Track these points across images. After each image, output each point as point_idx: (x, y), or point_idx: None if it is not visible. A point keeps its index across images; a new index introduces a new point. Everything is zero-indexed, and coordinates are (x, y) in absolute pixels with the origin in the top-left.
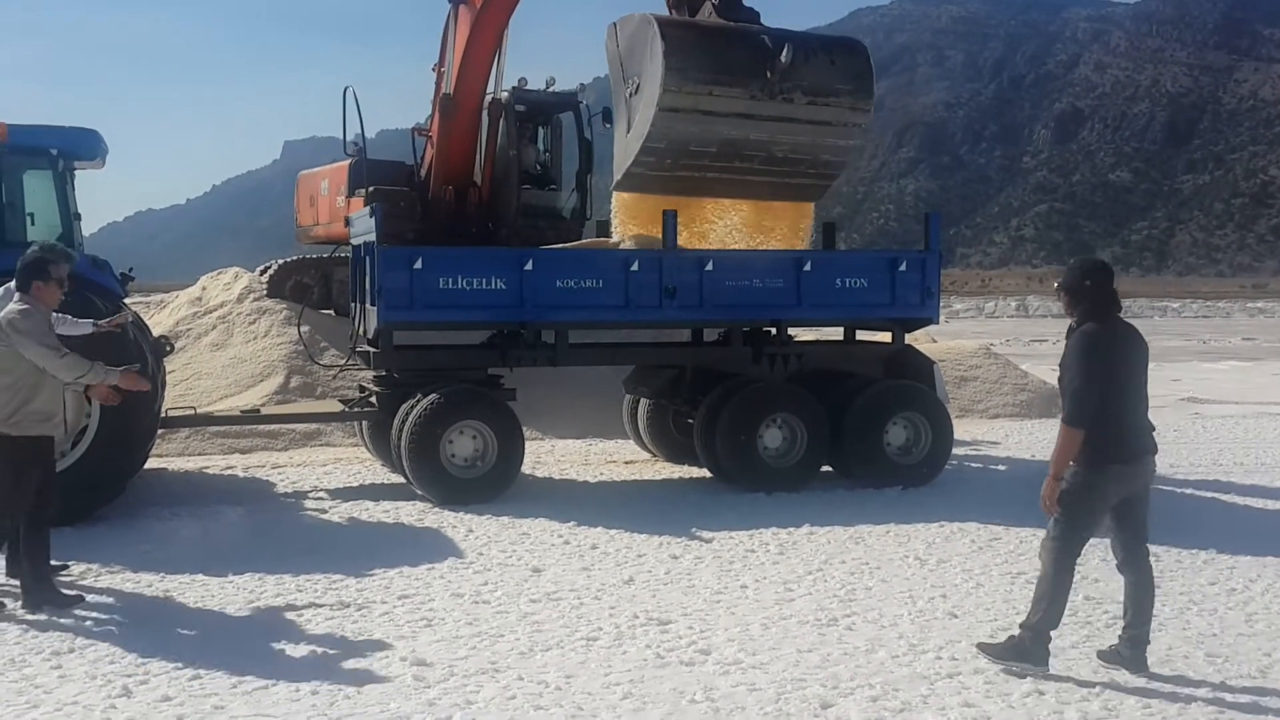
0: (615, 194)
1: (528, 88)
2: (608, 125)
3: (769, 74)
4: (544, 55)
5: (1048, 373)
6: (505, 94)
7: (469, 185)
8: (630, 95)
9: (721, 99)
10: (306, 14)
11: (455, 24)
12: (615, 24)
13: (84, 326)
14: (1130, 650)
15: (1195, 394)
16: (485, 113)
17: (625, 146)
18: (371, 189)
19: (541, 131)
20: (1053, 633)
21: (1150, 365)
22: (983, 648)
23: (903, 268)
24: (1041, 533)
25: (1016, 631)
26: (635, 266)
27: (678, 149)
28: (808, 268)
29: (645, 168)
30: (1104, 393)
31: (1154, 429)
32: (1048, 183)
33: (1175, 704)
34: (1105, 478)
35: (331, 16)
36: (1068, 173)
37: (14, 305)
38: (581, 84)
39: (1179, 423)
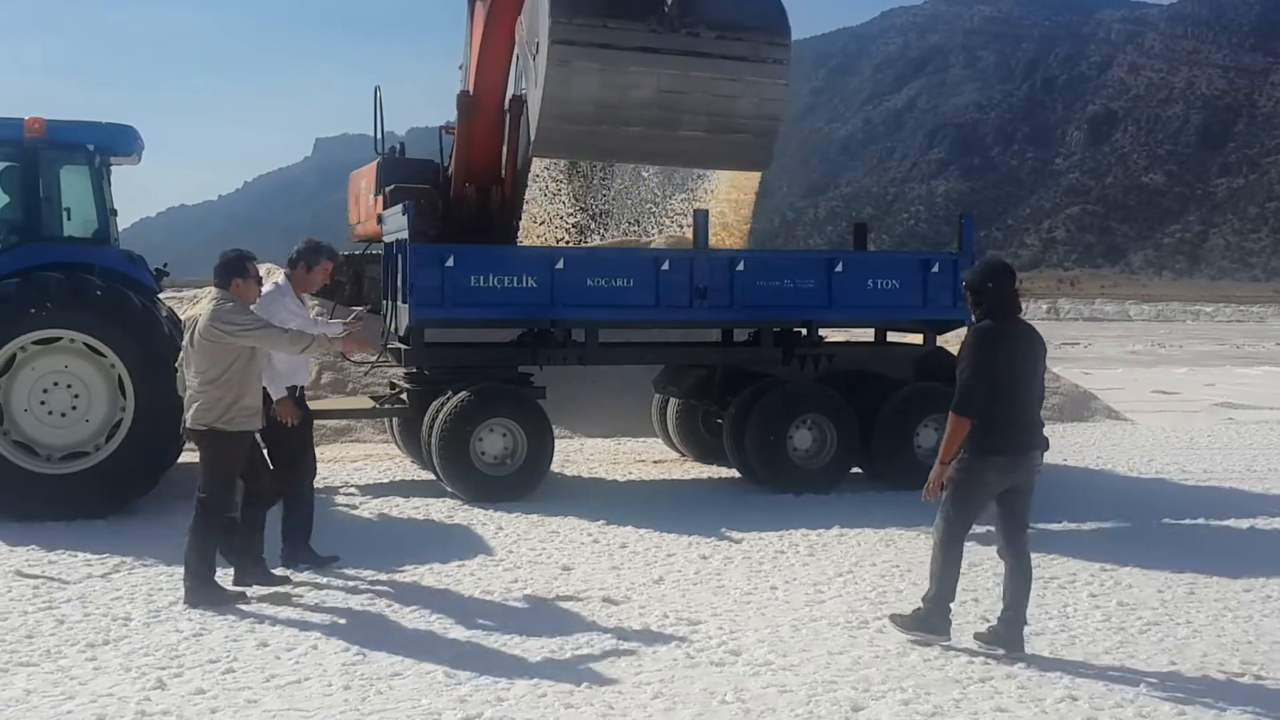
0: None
1: None
2: None
3: (665, 6)
4: None
5: (1080, 376)
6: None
7: (492, 183)
8: (534, 58)
9: (618, 32)
10: (339, 10)
11: (471, 21)
12: (519, 20)
13: (334, 327)
14: (1007, 630)
15: (1230, 399)
16: (507, 111)
17: (536, 109)
18: (392, 188)
19: None
20: (952, 605)
21: (1183, 370)
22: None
23: (935, 269)
24: (1075, 535)
25: (921, 605)
26: (666, 266)
27: (588, 99)
28: (839, 268)
29: (557, 122)
30: (994, 387)
31: (1043, 425)
32: (1080, 185)
33: (1210, 711)
34: (987, 467)
35: (364, 12)
36: (1100, 175)
37: (217, 303)
38: None
39: (1213, 428)
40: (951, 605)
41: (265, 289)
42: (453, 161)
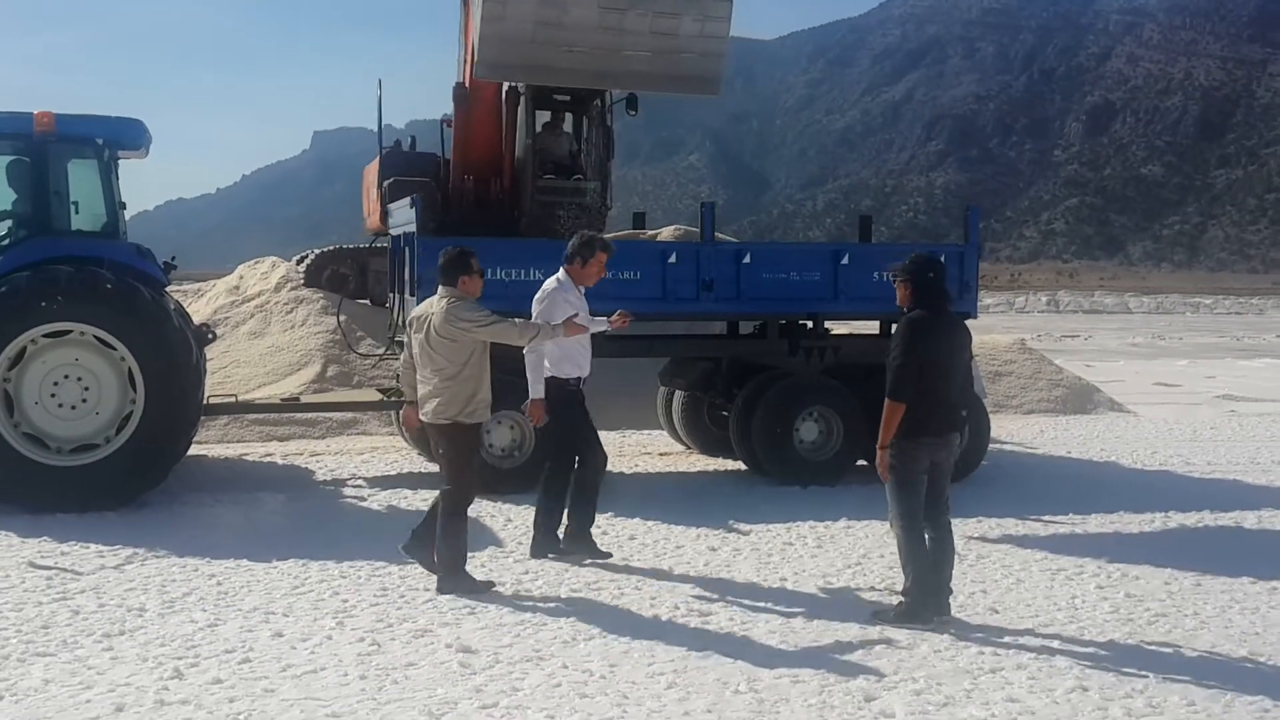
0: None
1: None
2: (631, 113)
3: None
4: None
5: (1082, 368)
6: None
7: (492, 175)
8: None
9: None
10: (337, 2)
11: (465, 11)
12: None
13: (600, 324)
14: (934, 599)
15: (1231, 391)
16: (504, 101)
17: (477, 31)
18: (389, 181)
19: (570, 119)
20: (937, 584)
21: (1184, 362)
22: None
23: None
24: (1081, 527)
25: (901, 599)
26: (673, 259)
27: (526, 17)
28: (845, 261)
29: (496, 42)
30: (923, 373)
31: (965, 410)
32: (1078, 176)
33: (1219, 703)
34: (918, 447)
35: (361, 6)
36: (1099, 167)
37: (450, 301)
38: None
39: (1216, 420)
40: (935, 585)
41: (548, 285)
42: (451, 154)
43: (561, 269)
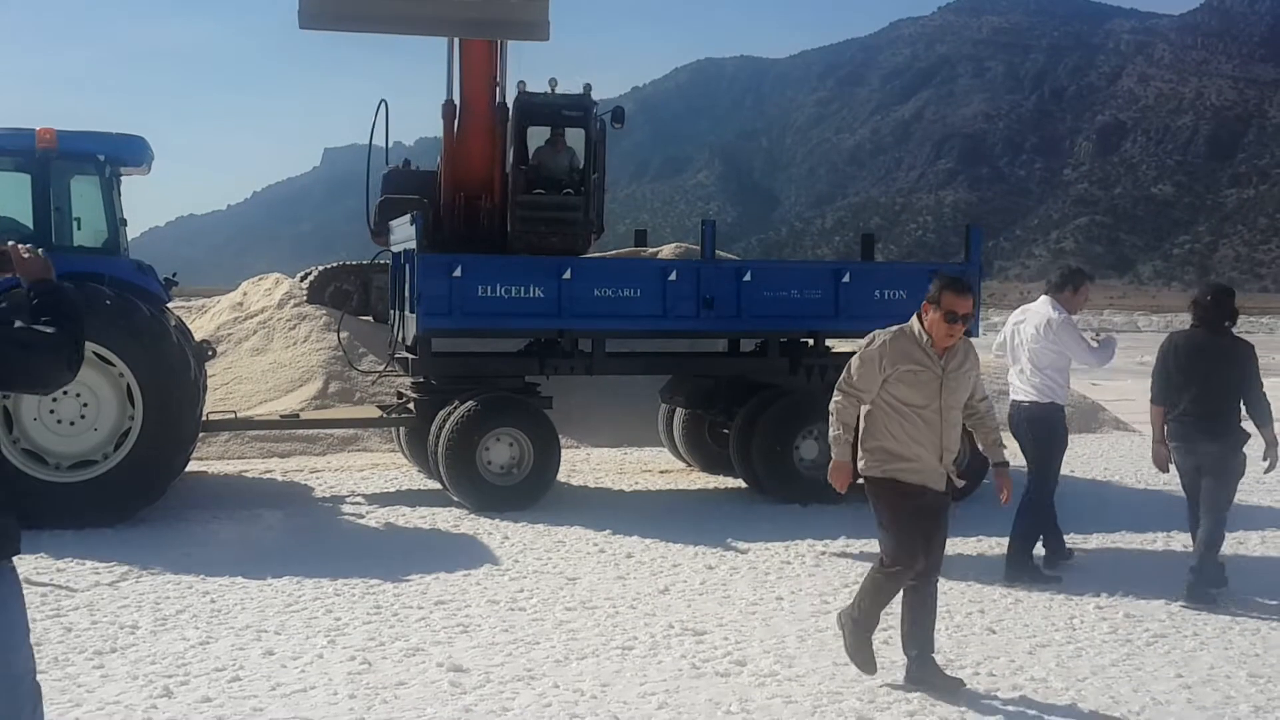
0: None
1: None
2: (617, 126)
3: None
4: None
5: (1088, 387)
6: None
7: (482, 192)
8: None
9: None
10: None
11: None
12: None
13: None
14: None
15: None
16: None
17: None
18: (380, 199)
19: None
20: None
21: None
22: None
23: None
24: (1082, 546)
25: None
26: (673, 276)
27: None
28: (846, 279)
29: None
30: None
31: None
32: (1088, 195)
33: None
34: None
35: None
36: (1109, 186)
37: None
38: (587, 84)
39: None
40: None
41: (1056, 318)
42: (442, 171)
43: (1048, 299)
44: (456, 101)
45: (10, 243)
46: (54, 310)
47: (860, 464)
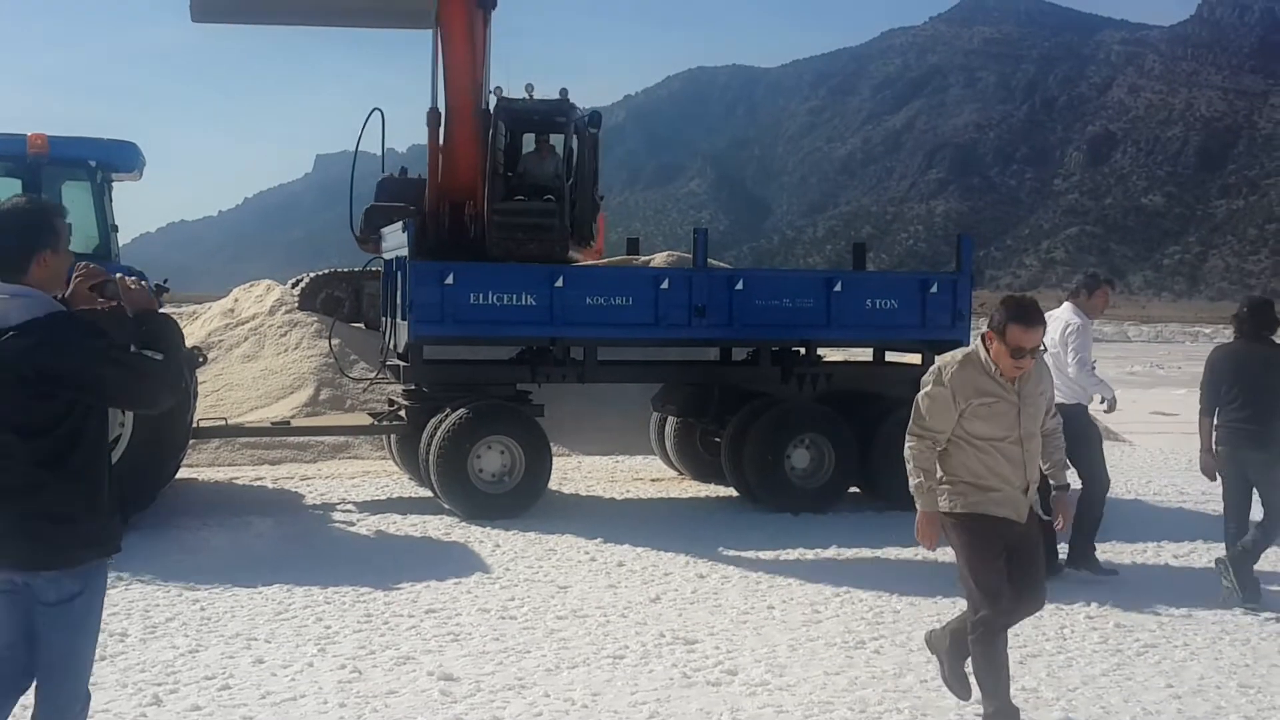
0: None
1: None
2: (593, 130)
3: None
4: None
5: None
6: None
7: (466, 199)
8: None
9: None
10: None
11: (435, 38)
12: None
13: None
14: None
15: None
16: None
17: None
18: (367, 207)
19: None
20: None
21: (1182, 391)
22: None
23: (933, 289)
24: (1064, 555)
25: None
26: (665, 284)
27: None
28: (838, 288)
29: None
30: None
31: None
32: (1079, 206)
33: None
34: None
35: (366, 30)
36: (1099, 196)
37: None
38: (564, 89)
39: None
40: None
41: (1074, 322)
42: (428, 178)
43: (1070, 304)
44: (441, 109)
45: (118, 275)
46: (160, 339)
47: (941, 501)
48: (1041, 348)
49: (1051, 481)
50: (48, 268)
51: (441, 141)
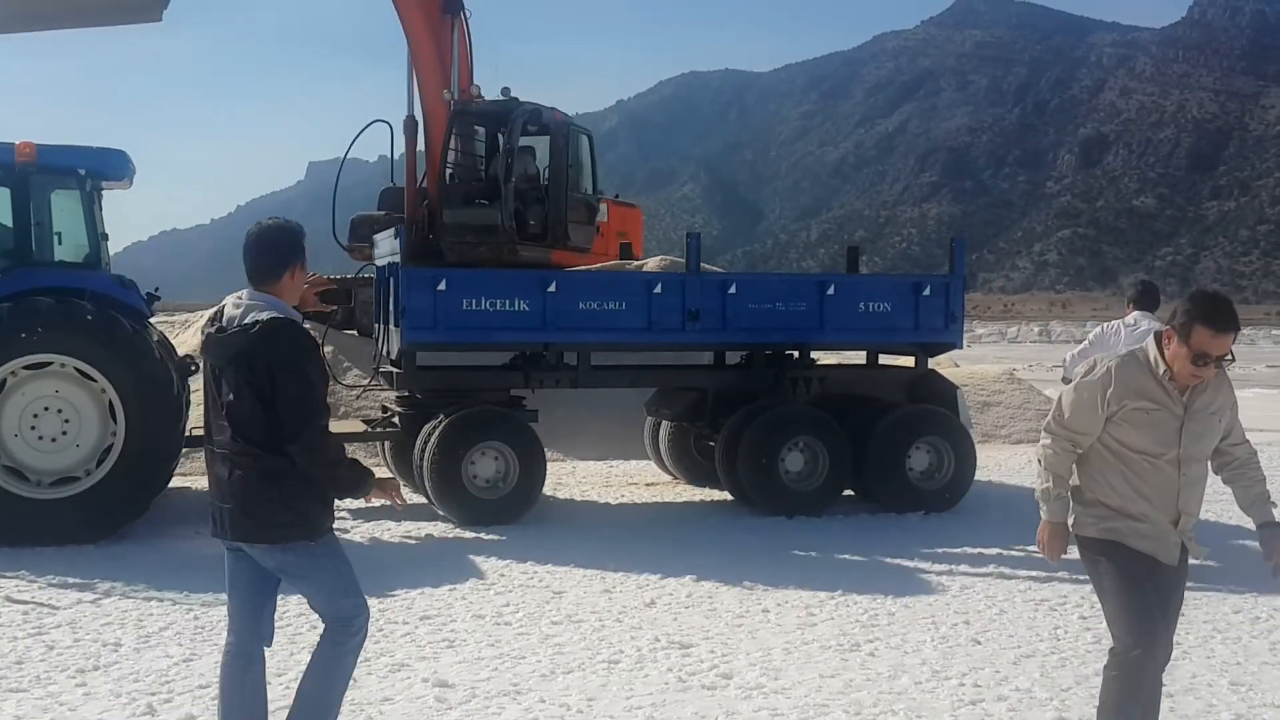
0: None
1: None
2: (532, 129)
3: None
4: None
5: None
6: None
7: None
8: None
9: None
10: (332, 34)
11: (410, 45)
12: None
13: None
14: None
15: None
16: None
17: None
18: (355, 216)
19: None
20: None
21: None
22: None
23: (926, 292)
24: (1065, 558)
25: None
26: (658, 289)
27: None
28: (831, 291)
29: None
30: None
31: None
32: (1071, 208)
33: None
34: None
35: (356, 36)
36: (1091, 198)
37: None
38: (506, 88)
39: None
40: None
41: (1137, 329)
42: (406, 184)
43: (1138, 311)
44: (417, 117)
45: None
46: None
47: (1071, 519)
48: (1229, 357)
49: (1255, 520)
50: (295, 280)
51: (421, 147)
